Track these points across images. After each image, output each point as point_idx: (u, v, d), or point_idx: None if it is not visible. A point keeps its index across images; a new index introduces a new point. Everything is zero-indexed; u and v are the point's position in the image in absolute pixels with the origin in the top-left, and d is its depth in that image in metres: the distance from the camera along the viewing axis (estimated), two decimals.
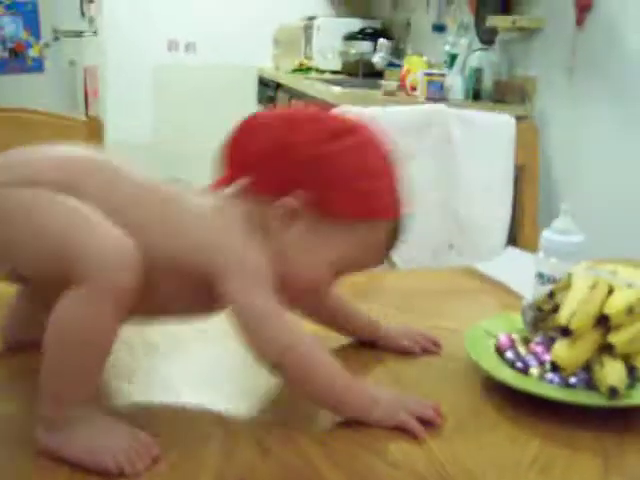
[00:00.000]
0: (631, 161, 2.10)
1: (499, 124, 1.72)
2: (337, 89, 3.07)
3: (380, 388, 0.76)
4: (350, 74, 3.93)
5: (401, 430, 0.71)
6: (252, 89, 4.63)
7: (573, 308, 0.77)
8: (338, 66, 4.10)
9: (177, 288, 0.72)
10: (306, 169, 0.72)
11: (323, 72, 4.09)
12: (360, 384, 0.74)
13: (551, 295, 0.86)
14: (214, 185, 0.77)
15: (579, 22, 2.30)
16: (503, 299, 1.13)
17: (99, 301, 0.63)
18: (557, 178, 2.40)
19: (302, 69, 4.15)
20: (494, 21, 2.60)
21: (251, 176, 0.74)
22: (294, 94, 3.74)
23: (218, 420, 0.73)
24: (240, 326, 0.70)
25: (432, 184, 1.67)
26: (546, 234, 1.04)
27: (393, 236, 0.76)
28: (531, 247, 1.42)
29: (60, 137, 1.23)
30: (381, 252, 0.77)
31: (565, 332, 0.76)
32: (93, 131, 1.36)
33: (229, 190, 0.76)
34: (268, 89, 4.36)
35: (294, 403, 0.77)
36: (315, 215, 0.72)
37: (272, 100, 4.27)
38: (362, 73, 3.80)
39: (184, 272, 0.71)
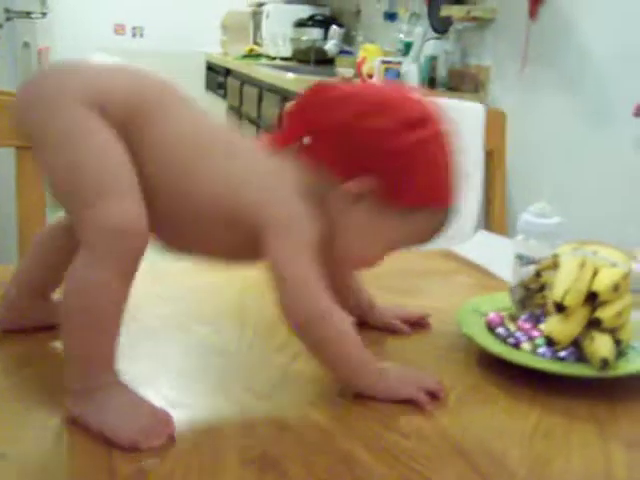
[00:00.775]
0: (582, 149, 2.18)
1: (466, 110, 1.76)
2: (290, 75, 3.08)
3: (388, 363, 0.78)
4: (300, 61, 3.94)
5: (408, 403, 0.74)
6: (200, 75, 4.60)
7: (567, 285, 0.81)
8: (288, 53, 4.11)
9: (229, 235, 0.74)
10: (379, 158, 0.73)
11: (273, 59, 4.09)
12: (372, 357, 0.76)
13: (537, 275, 0.90)
14: (274, 140, 0.78)
15: (532, 14, 2.36)
16: (480, 279, 1.17)
17: (101, 267, 0.64)
18: (509, 166, 2.46)
19: (252, 55, 4.15)
20: (449, 10, 2.65)
21: (318, 146, 0.76)
22: (245, 80, 3.73)
23: (232, 400, 0.74)
24: (275, 284, 0.71)
25: None
26: (525, 217, 1.07)
27: (444, 221, 0.79)
28: (501, 230, 1.47)
29: None
30: (432, 235, 0.79)
31: (560, 308, 0.80)
32: None
33: (290, 149, 0.77)
34: (217, 75, 4.34)
35: (305, 382, 0.78)
36: (379, 200, 0.74)
37: (222, 86, 4.25)
38: (314, 60, 3.81)
39: (237, 222, 0.73)
